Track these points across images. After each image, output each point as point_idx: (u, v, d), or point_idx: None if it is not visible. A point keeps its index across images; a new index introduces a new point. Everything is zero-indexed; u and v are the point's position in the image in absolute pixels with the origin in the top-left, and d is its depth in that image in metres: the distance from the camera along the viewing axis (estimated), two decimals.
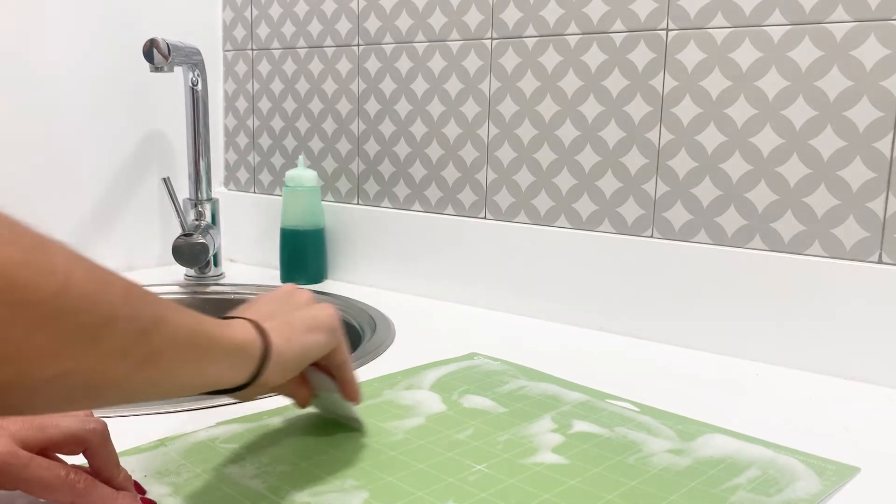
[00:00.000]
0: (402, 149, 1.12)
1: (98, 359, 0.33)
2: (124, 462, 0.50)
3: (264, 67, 1.28)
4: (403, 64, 1.10)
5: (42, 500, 0.45)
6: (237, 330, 0.47)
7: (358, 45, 1.15)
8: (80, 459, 0.47)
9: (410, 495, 0.51)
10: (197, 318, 0.41)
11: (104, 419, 0.48)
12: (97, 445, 0.47)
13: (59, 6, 1.11)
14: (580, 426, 0.64)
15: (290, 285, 0.59)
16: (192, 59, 1.12)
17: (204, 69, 1.15)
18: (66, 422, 0.47)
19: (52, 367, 0.31)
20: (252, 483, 0.52)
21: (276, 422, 0.63)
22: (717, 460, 0.58)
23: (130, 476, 0.49)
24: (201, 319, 0.42)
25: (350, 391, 0.59)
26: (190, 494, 0.50)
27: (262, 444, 0.59)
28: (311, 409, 0.64)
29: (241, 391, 0.48)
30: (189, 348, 0.40)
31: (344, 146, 1.19)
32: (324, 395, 0.60)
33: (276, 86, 1.26)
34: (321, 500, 0.50)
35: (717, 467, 0.57)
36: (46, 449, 0.46)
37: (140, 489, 0.50)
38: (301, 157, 1.17)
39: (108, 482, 0.47)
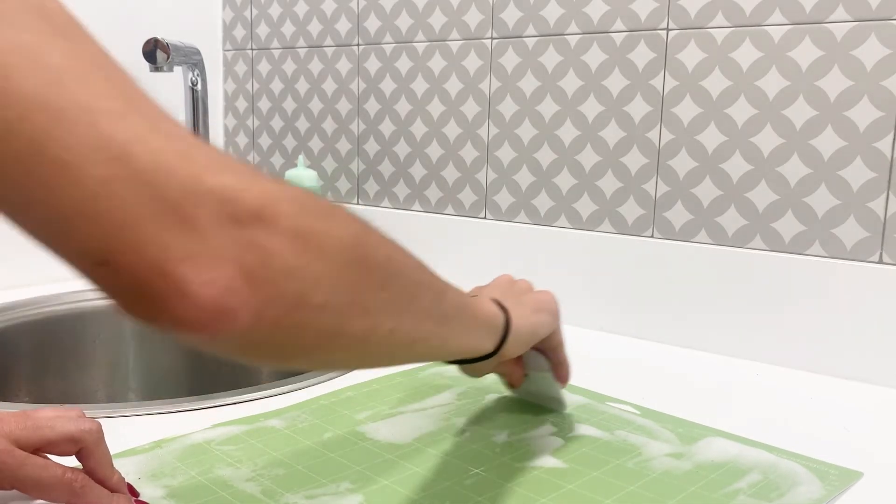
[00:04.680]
0: (402, 149, 1.12)
1: (415, 316, 0.40)
2: (119, 464, 0.50)
3: (264, 67, 1.27)
4: (403, 64, 1.10)
5: (38, 500, 0.45)
6: (487, 304, 0.53)
7: (358, 45, 1.15)
8: (73, 461, 0.47)
9: (406, 499, 0.51)
10: (460, 291, 0.48)
11: (98, 420, 0.48)
12: (92, 445, 0.47)
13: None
14: (580, 429, 0.64)
15: (506, 276, 0.65)
16: (192, 59, 1.12)
17: (204, 69, 1.15)
18: (60, 422, 0.47)
19: (390, 321, 0.37)
20: (247, 486, 0.52)
21: (272, 424, 0.63)
22: (717, 464, 0.57)
23: (124, 478, 0.49)
24: (461, 292, 0.49)
25: (562, 372, 0.64)
26: (184, 497, 0.50)
27: (257, 446, 0.58)
28: (506, 393, 0.71)
29: (481, 362, 0.54)
30: (464, 314, 0.48)
31: (344, 146, 1.19)
32: (533, 375, 0.65)
33: (276, 86, 1.26)
34: (316, 503, 0.50)
35: (717, 471, 0.56)
36: (40, 449, 0.46)
37: (133, 492, 0.49)
38: (301, 157, 1.17)
39: (101, 483, 0.47)
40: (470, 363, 0.56)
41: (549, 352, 0.63)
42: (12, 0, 0.27)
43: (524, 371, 0.65)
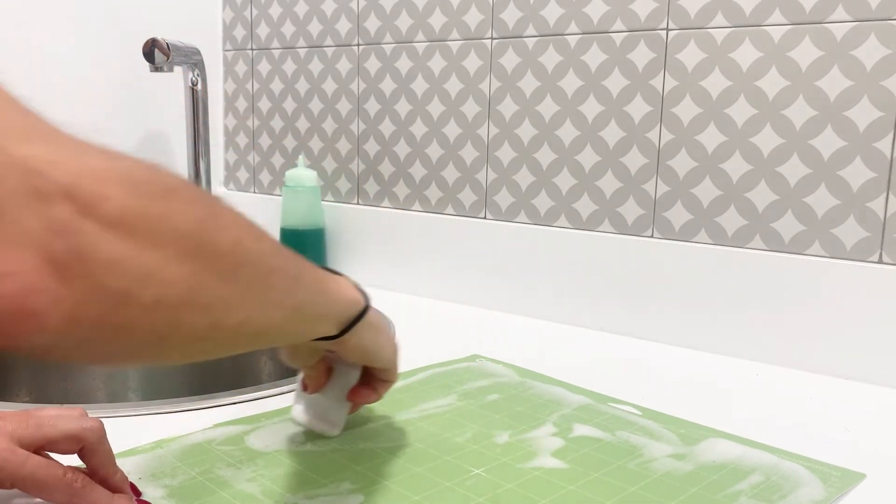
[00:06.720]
0: (402, 149, 1.12)
1: (265, 307, 0.36)
2: (119, 463, 0.49)
3: (264, 67, 1.27)
4: (403, 64, 1.10)
5: (39, 499, 0.45)
6: (349, 289, 0.50)
7: (358, 45, 1.15)
8: (74, 461, 0.47)
9: (406, 499, 0.51)
10: (317, 272, 0.45)
11: (101, 419, 0.48)
12: (94, 444, 0.47)
13: (59, 6, 1.11)
14: (581, 430, 0.63)
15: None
16: (192, 59, 1.12)
17: (204, 69, 1.15)
18: (62, 421, 0.47)
19: (236, 315, 0.33)
20: (247, 486, 0.52)
21: (273, 424, 0.63)
22: (719, 465, 0.57)
23: (126, 477, 0.49)
24: (319, 273, 0.45)
25: (363, 393, 0.58)
26: (184, 497, 0.50)
27: (257, 446, 0.58)
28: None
29: (316, 342, 0.49)
30: (319, 299, 0.44)
31: (344, 146, 1.19)
32: (335, 378, 0.59)
33: (276, 86, 1.26)
34: (316, 503, 0.50)
35: (719, 472, 0.56)
36: (42, 448, 0.46)
37: (136, 490, 0.49)
38: (301, 157, 1.17)
39: (103, 482, 0.47)
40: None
41: (376, 371, 0.58)
42: None
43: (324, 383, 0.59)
